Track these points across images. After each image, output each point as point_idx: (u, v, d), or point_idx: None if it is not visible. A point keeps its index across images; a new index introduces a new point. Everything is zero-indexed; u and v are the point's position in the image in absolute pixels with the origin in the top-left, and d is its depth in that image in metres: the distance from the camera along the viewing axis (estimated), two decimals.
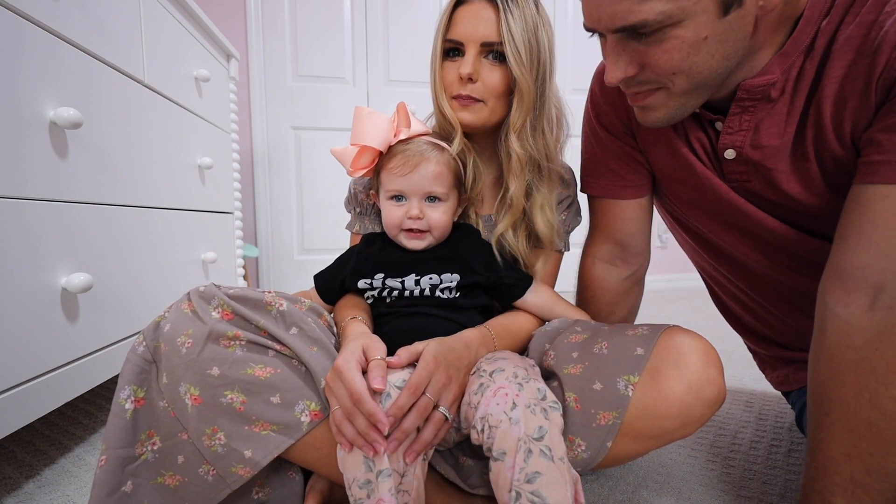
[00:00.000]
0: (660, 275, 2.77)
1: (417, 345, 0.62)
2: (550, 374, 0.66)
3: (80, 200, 0.85)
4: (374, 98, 2.38)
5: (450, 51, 0.75)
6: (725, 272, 0.86)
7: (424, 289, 0.71)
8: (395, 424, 0.55)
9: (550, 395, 0.58)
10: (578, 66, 2.47)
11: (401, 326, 0.69)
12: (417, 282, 0.71)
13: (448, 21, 0.74)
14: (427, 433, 0.57)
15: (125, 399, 0.59)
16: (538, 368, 0.67)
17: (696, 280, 1.05)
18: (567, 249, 0.86)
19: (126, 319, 0.97)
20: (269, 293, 0.64)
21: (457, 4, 0.74)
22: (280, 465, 0.65)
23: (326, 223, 2.36)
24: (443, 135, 0.77)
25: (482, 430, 0.54)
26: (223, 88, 1.59)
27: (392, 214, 0.73)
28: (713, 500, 0.75)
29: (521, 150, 0.75)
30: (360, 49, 2.34)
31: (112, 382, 0.96)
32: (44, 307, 0.76)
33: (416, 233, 0.72)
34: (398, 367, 0.60)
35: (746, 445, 0.92)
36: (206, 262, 1.38)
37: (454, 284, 0.72)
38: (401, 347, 0.62)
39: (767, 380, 0.96)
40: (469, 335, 0.67)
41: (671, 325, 0.64)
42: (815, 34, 0.58)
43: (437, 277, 0.71)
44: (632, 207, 0.85)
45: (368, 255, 0.75)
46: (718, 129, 0.68)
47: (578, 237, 0.90)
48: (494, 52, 0.72)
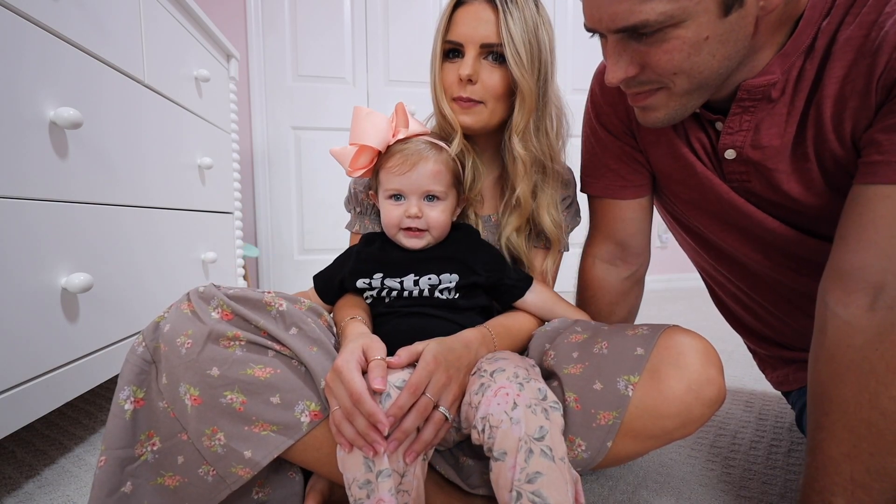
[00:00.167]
0: (660, 275, 2.77)
1: (417, 345, 0.62)
2: (550, 374, 0.66)
3: (80, 200, 0.85)
4: (374, 98, 2.38)
5: (449, 52, 0.75)
6: (725, 272, 0.86)
7: (423, 289, 0.71)
8: (395, 424, 0.55)
9: (551, 395, 0.58)
10: (578, 66, 2.48)
11: (400, 326, 0.69)
12: (416, 282, 0.71)
13: (447, 22, 0.74)
14: (427, 433, 0.57)
15: (125, 399, 0.59)
16: (538, 368, 0.66)
17: (696, 280, 1.05)
18: (567, 249, 0.86)
19: (126, 319, 0.97)
20: (269, 293, 0.64)
21: (456, 5, 0.74)
22: (280, 466, 0.65)
23: (326, 223, 2.36)
24: (442, 135, 0.77)
25: (483, 430, 0.54)
26: (223, 88, 1.59)
27: (391, 214, 0.73)
28: (713, 500, 0.75)
29: (525, 152, 0.75)
30: (360, 49, 2.34)
31: (112, 382, 0.96)
32: (44, 307, 0.76)
33: (415, 232, 0.72)
34: (398, 368, 0.60)
35: (746, 445, 0.92)
36: (206, 262, 1.38)
37: (453, 285, 0.72)
38: (400, 347, 0.61)
39: (767, 380, 0.96)
40: (469, 335, 0.67)
41: (671, 325, 0.64)
42: (816, 34, 0.58)
43: (437, 278, 0.71)
44: (632, 207, 0.85)
45: (367, 255, 0.75)
46: (719, 130, 0.68)
47: (578, 237, 0.90)
48: (494, 54, 0.72)
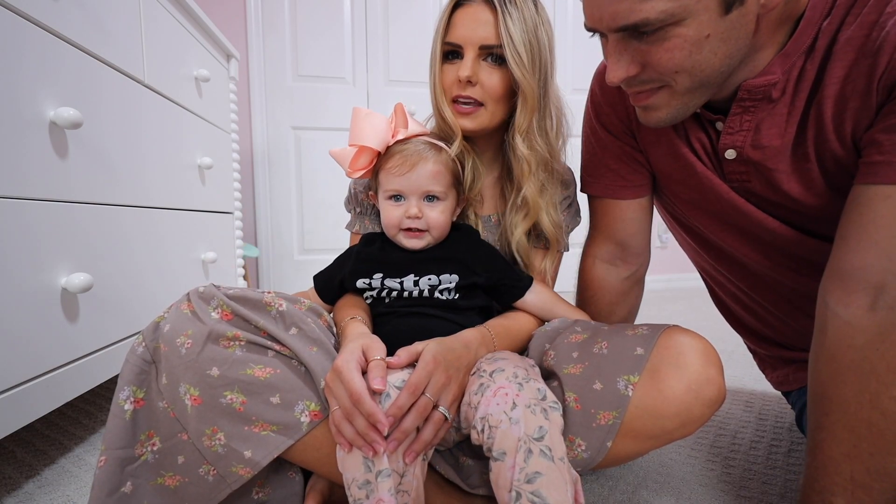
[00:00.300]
0: (660, 275, 2.77)
1: (417, 345, 0.62)
2: (550, 374, 0.66)
3: (80, 200, 0.85)
4: (374, 98, 2.38)
5: (448, 54, 0.75)
6: (725, 272, 0.85)
7: (423, 289, 0.71)
8: (395, 424, 0.55)
9: (550, 395, 0.58)
10: (578, 66, 2.48)
11: (400, 327, 0.69)
12: (416, 282, 0.71)
13: (446, 24, 0.74)
14: (426, 433, 0.57)
15: (124, 400, 0.59)
16: (538, 368, 0.66)
17: (696, 280, 1.05)
18: (567, 249, 0.86)
19: (126, 319, 0.97)
20: (269, 293, 0.64)
21: (455, 7, 0.74)
22: (280, 465, 0.65)
23: (326, 223, 2.36)
24: (441, 135, 0.77)
25: (482, 430, 0.54)
26: (223, 88, 1.59)
27: (391, 214, 0.73)
28: (713, 500, 0.75)
29: (529, 151, 0.75)
30: (360, 49, 2.34)
31: (112, 382, 0.96)
32: (44, 307, 0.76)
33: (415, 232, 0.72)
34: (398, 368, 0.60)
35: (746, 445, 0.91)
36: (206, 262, 1.38)
37: (453, 285, 0.72)
38: (400, 348, 0.61)
39: (767, 380, 0.96)
40: (469, 335, 0.67)
41: (671, 325, 0.64)
42: (816, 35, 0.58)
43: (436, 278, 0.71)
44: (632, 207, 0.85)
45: (367, 255, 0.75)
46: (719, 130, 0.68)
47: (578, 237, 0.90)
48: (493, 55, 0.72)
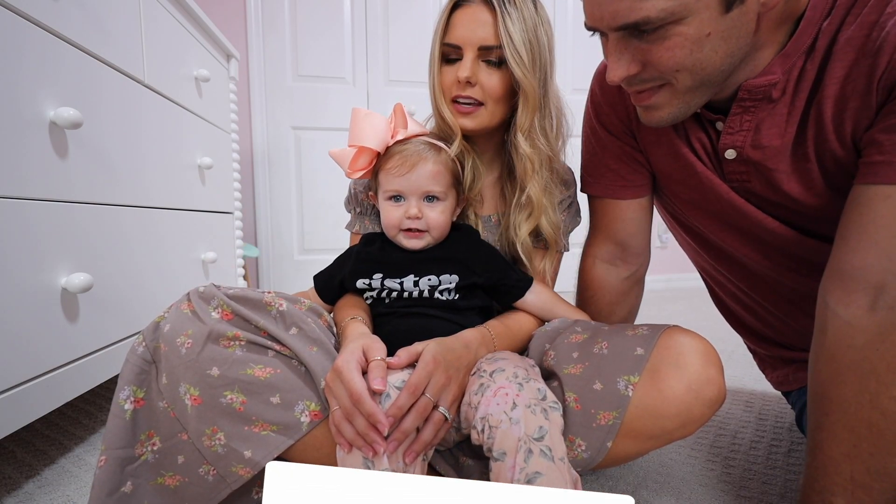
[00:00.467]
0: (660, 275, 2.77)
1: (417, 345, 0.62)
2: (550, 374, 0.66)
3: (80, 200, 0.85)
4: (374, 98, 2.38)
5: (448, 54, 0.75)
6: (725, 272, 0.85)
7: (423, 290, 0.71)
8: (395, 425, 0.55)
9: (550, 395, 0.58)
10: (578, 66, 2.47)
11: (400, 327, 0.69)
12: (416, 283, 0.71)
13: (445, 24, 0.74)
14: (426, 433, 0.57)
15: (124, 399, 0.59)
16: (538, 368, 0.66)
17: (696, 280, 1.05)
18: (567, 249, 0.86)
19: (126, 319, 0.97)
20: (269, 293, 0.64)
21: (454, 8, 0.73)
22: None
23: (326, 223, 2.36)
24: (441, 135, 0.77)
25: (482, 431, 0.54)
26: (223, 88, 1.59)
27: (391, 215, 0.73)
28: (713, 500, 0.75)
29: (532, 150, 0.75)
30: (360, 49, 2.34)
31: (112, 382, 0.96)
32: (44, 307, 0.76)
33: (415, 232, 0.72)
34: (398, 368, 0.60)
35: (746, 445, 0.92)
36: (206, 262, 1.38)
37: (453, 286, 0.71)
38: (400, 348, 0.61)
39: (767, 380, 0.96)
40: (469, 335, 0.67)
41: (671, 325, 0.64)
42: (817, 35, 0.58)
43: (436, 278, 0.71)
44: (632, 207, 0.85)
45: (367, 255, 0.75)
46: (719, 130, 0.68)
47: (578, 237, 0.90)
48: (493, 55, 0.72)
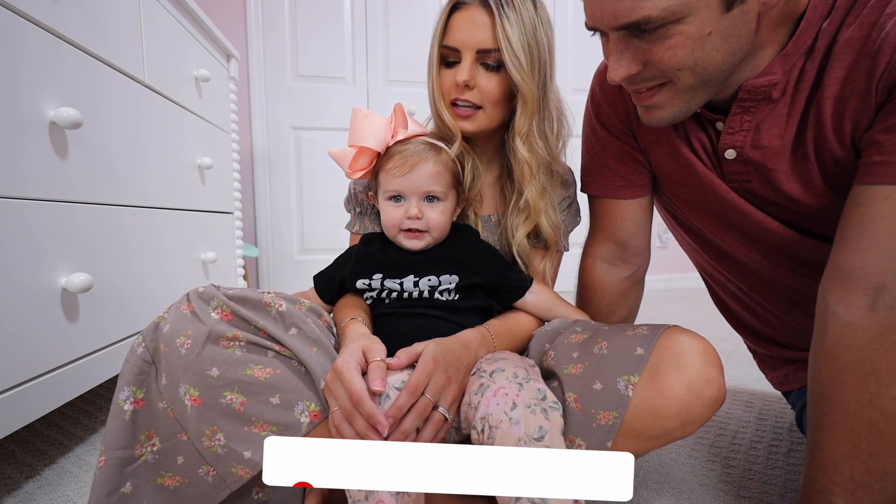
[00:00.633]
0: (660, 275, 2.77)
1: (417, 346, 0.62)
2: (550, 374, 0.66)
3: (80, 200, 0.85)
4: (374, 98, 2.38)
5: (446, 57, 0.75)
6: (725, 272, 0.85)
7: (423, 290, 0.71)
8: (395, 425, 0.55)
9: (550, 396, 0.58)
10: (578, 66, 2.47)
11: (400, 327, 0.69)
12: (416, 283, 0.71)
13: (444, 27, 0.73)
14: (426, 434, 0.57)
15: (124, 400, 0.59)
16: (538, 368, 0.66)
17: (696, 280, 1.05)
18: (566, 249, 0.86)
19: (126, 319, 0.97)
20: (269, 293, 0.64)
21: (452, 10, 0.73)
22: None
23: (326, 223, 2.36)
24: (441, 136, 0.77)
25: (482, 431, 0.54)
26: (223, 88, 1.59)
27: (391, 215, 0.72)
28: (713, 500, 0.75)
29: (530, 154, 0.75)
30: (360, 49, 2.34)
31: (112, 382, 0.96)
32: (44, 307, 0.76)
33: (415, 233, 0.72)
34: (398, 369, 0.60)
35: (746, 445, 0.92)
36: (206, 262, 1.38)
37: (453, 286, 0.71)
38: (400, 349, 0.61)
39: (767, 380, 0.96)
40: (468, 335, 0.67)
41: (671, 325, 0.64)
42: (816, 35, 0.58)
43: (436, 279, 0.71)
44: (632, 207, 0.85)
45: (367, 256, 0.75)
46: (719, 130, 0.68)
47: (578, 237, 0.90)
48: (491, 59, 0.72)
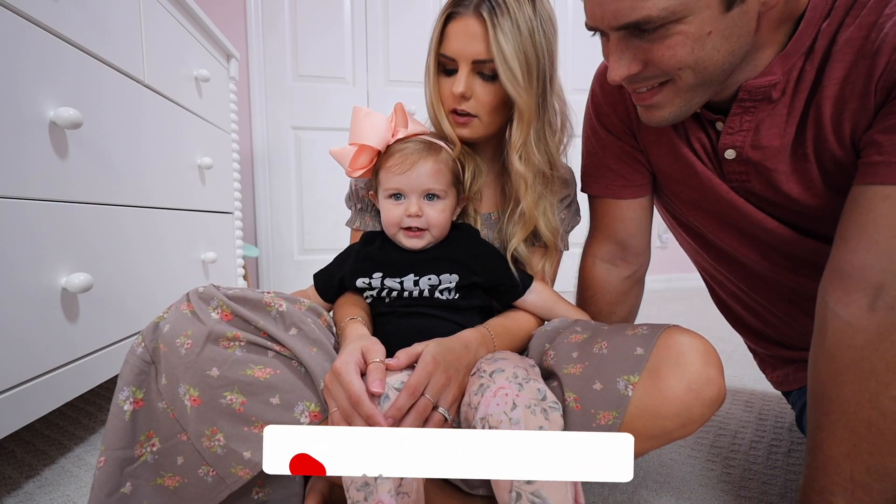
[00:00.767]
0: (660, 275, 2.77)
1: (416, 346, 0.61)
2: (550, 374, 0.66)
3: (80, 200, 0.85)
4: (374, 98, 2.38)
5: (444, 65, 0.74)
6: (725, 272, 0.85)
7: (423, 289, 0.71)
8: (394, 426, 0.55)
9: (550, 396, 0.58)
10: (578, 66, 2.46)
11: (400, 327, 0.69)
12: (416, 282, 0.71)
13: (440, 36, 0.73)
14: None
15: (124, 400, 0.59)
16: (538, 368, 0.66)
17: (696, 280, 1.05)
18: (566, 249, 0.86)
19: (126, 319, 0.97)
20: (269, 294, 0.64)
21: (447, 19, 0.72)
22: None
23: (326, 223, 2.36)
24: (441, 135, 0.77)
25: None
26: (223, 88, 1.59)
27: (391, 213, 0.72)
28: (713, 500, 0.75)
29: (525, 168, 0.74)
30: (360, 49, 2.34)
31: (112, 382, 0.96)
32: (44, 307, 0.76)
33: (415, 231, 0.72)
34: (397, 370, 0.60)
35: (746, 445, 0.92)
36: (206, 262, 1.38)
37: (453, 285, 0.71)
38: (400, 349, 0.61)
39: (767, 380, 0.96)
40: (468, 335, 0.66)
41: (671, 325, 0.64)
42: (816, 36, 0.58)
43: (436, 278, 0.71)
44: (632, 207, 0.85)
45: (367, 254, 0.75)
46: (719, 130, 0.68)
47: (578, 237, 0.90)
48: (487, 69, 0.71)
